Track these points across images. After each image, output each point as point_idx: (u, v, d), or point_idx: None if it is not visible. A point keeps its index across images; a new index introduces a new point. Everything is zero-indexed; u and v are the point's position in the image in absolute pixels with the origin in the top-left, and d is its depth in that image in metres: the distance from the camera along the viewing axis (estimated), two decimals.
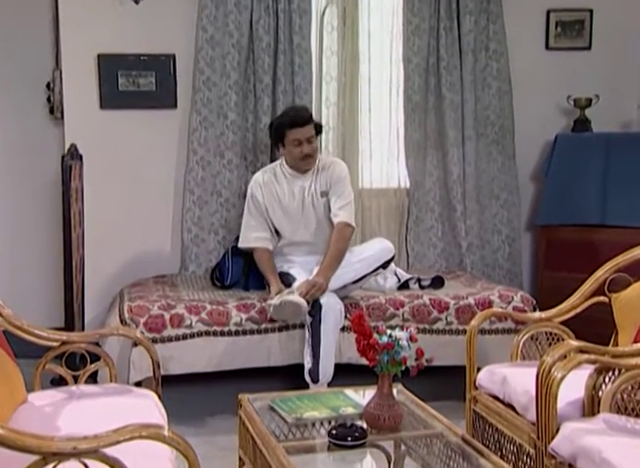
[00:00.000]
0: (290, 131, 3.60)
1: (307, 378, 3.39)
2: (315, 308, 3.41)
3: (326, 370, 3.37)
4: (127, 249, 4.24)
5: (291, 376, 3.56)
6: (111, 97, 4.14)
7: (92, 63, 4.12)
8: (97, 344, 2.70)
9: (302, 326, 3.50)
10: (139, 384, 3.17)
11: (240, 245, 3.79)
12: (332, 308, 3.40)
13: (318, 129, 3.73)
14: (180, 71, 4.22)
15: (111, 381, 2.56)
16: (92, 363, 2.56)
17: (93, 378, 2.80)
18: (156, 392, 2.48)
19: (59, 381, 2.93)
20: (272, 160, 4.28)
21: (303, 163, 3.66)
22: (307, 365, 3.39)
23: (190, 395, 3.69)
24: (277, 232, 3.78)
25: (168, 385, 2.80)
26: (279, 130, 3.65)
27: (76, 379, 2.51)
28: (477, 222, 4.62)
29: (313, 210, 3.72)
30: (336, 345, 3.42)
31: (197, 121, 4.22)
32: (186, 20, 4.17)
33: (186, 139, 4.26)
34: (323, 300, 3.41)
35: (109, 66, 4.12)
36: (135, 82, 4.16)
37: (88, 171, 3.91)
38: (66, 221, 3.57)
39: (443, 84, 4.44)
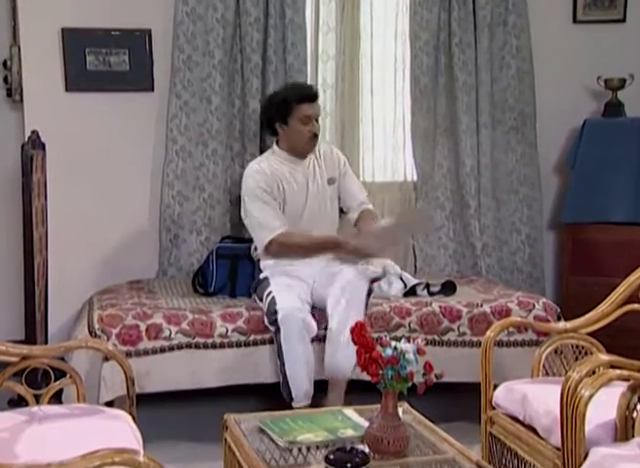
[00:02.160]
0: (299, 106, 3.59)
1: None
2: (271, 315, 3.41)
3: (299, 387, 3.36)
4: (97, 250, 4.24)
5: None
6: (78, 78, 4.13)
7: (55, 39, 4.11)
8: (62, 359, 2.69)
9: None
10: (110, 404, 3.16)
11: (261, 247, 3.65)
12: (290, 316, 3.37)
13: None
14: (157, 49, 4.21)
15: (79, 401, 2.55)
16: (56, 380, 2.54)
17: (57, 398, 2.79)
18: (130, 413, 2.47)
19: (17, 402, 2.93)
20: (262, 150, 4.28)
21: (310, 143, 3.66)
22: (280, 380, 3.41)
23: (169, 416, 3.69)
24: None
25: (144, 405, 2.79)
26: (285, 104, 3.62)
27: (38, 399, 2.49)
28: (493, 220, 4.62)
29: (319, 198, 3.72)
30: (306, 358, 3.38)
31: (177, 106, 4.21)
32: None
33: (164, 127, 4.25)
34: (278, 306, 3.40)
35: (75, 43, 4.10)
36: (105, 61, 4.14)
37: (51, 161, 3.89)
38: (27, 219, 3.56)
39: (455, 63, 4.45)
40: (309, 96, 3.61)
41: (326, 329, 3.45)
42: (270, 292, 3.49)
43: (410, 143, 4.52)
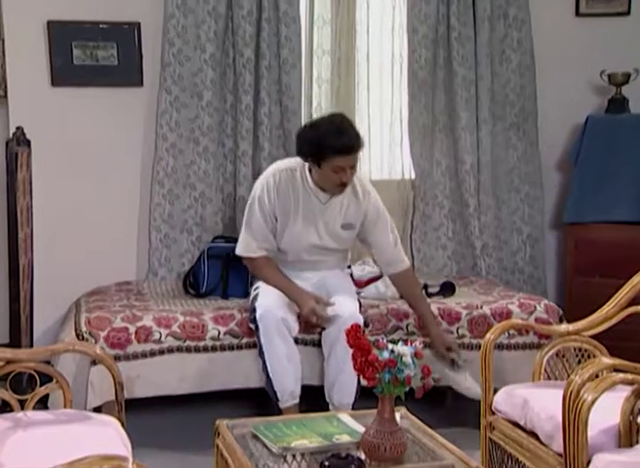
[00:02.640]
0: (333, 158, 3.32)
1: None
2: (251, 313, 3.42)
3: (284, 386, 3.35)
4: (84, 251, 4.23)
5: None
6: (64, 73, 4.12)
7: (40, 32, 4.09)
8: (48, 363, 2.69)
9: (296, 341, 3.47)
10: (98, 409, 3.16)
11: (239, 252, 3.61)
12: (268, 312, 3.36)
13: (361, 146, 3.42)
14: (147, 43, 4.20)
15: (65, 406, 2.54)
16: (42, 385, 2.53)
17: (43, 403, 2.79)
18: (119, 418, 2.47)
19: (2, 407, 2.91)
20: (256, 148, 4.28)
21: (336, 190, 3.47)
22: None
23: (159, 421, 3.68)
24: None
25: (133, 410, 2.79)
26: (321, 150, 3.34)
27: (23, 405, 2.49)
28: (494, 219, 4.63)
29: (327, 236, 3.57)
30: (289, 356, 3.37)
31: (167, 101, 4.21)
32: None
33: (154, 123, 4.24)
34: (258, 303, 3.40)
35: (62, 36, 4.09)
36: (92, 55, 4.13)
37: (37, 159, 3.89)
38: (12, 219, 3.55)
39: (454, 58, 4.45)
40: (348, 150, 3.34)
41: (319, 333, 3.47)
42: (257, 289, 3.51)
43: (407, 140, 4.52)
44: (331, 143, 3.30)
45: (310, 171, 3.48)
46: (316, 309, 3.38)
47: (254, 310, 3.41)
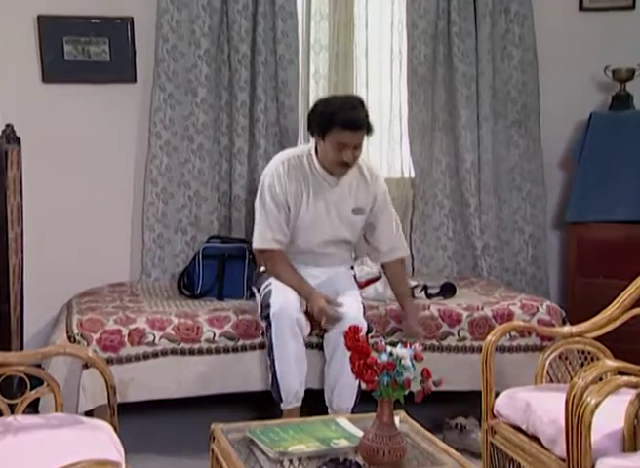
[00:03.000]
0: (339, 131, 3.38)
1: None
2: (265, 309, 3.42)
3: (289, 387, 3.35)
4: (76, 251, 4.23)
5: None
6: (55, 69, 4.12)
7: (31, 27, 4.09)
8: (38, 366, 2.68)
9: None
10: (90, 414, 3.16)
11: (257, 245, 3.58)
12: (284, 311, 3.35)
13: (369, 130, 3.51)
14: (140, 38, 4.20)
15: (57, 411, 2.54)
16: (32, 389, 2.53)
17: (34, 407, 2.78)
18: (111, 423, 2.46)
19: None
20: (250, 145, 4.27)
21: (339, 169, 3.50)
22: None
23: (153, 426, 3.68)
24: None
25: (126, 415, 2.79)
26: (326, 122, 3.41)
27: (13, 409, 2.48)
28: (495, 219, 4.63)
29: (338, 223, 3.60)
30: (297, 356, 3.37)
31: (161, 98, 4.20)
32: None
33: (148, 120, 4.24)
34: (272, 300, 3.39)
35: (53, 31, 4.09)
36: (84, 50, 4.13)
37: (28, 157, 3.87)
38: (2, 218, 3.54)
39: (454, 54, 4.45)
40: (354, 125, 3.39)
41: (320, 336, 3.47)
42: (268, 285, 3.49)
43: (407, 138, 4.52)
44: (339, 116, 3.37)
45: (317, 152, 3.52)
46: (326, 309, 3.38)
47: (267, 307, 3.40)
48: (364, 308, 3.50)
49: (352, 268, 3.84)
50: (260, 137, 4.27)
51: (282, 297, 3.40)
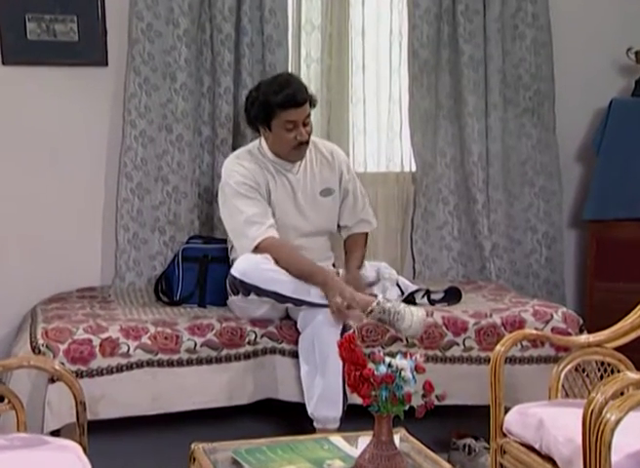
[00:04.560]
0: (281, 113, 3.56)
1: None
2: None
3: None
4: (41, 252, 4.22)
5: (260, 419, 3.55)
6: (17, 49, 4.10)
7: None
8: None
9: (274, 351, 3.52)
10: (57, 433, 3.15)
11: (252, 244, 3.53)
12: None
13: (312, 101, 3.68)
14: (112, 16, 4.19)
15: (19, 430, 2.53)
16: None
17: None
18: (80, 443, 2.46)
19: None
20: (236, 136, 4.27)
21: (296, 152, 3.64)
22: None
23: (127, 446, 3.67)
24: None
25: (97, 434, 2.77)
26: (266, 110, 3.59)
27: None
28: (505, 217, 4.64)
29: (310, 211, 3.70)
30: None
31: (135, 83, 4.20)
32: None
33: (121, 108, 4.24)
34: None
35: (13, 7, 4.07)
36: (49, 29, 4.12)
37: None
38: None
39: (460, 34, 4.46)
40: (294, 101, 3.54)
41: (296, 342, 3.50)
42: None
43: (407, 128, 4.52)
44: (274, 98, 3.55)
45: (268, 141, 3.66)
46: (340, 307, 3.39)
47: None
48: None
49: (334, 266, 3.84)
50: (246, 127, 4.26)
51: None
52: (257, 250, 3.55)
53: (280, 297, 3.43)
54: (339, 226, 3.91)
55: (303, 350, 3.44)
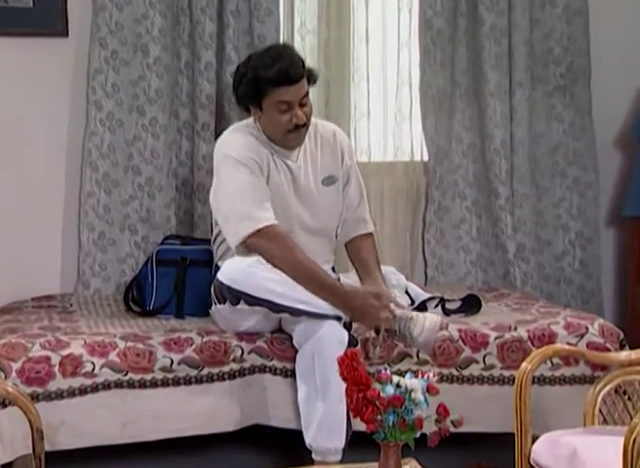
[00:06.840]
0: (273, 91, 3.51)
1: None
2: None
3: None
4: None
5: (246, 449, 3.55)
6: None
7: None
8: None
9: (263, 369, 3.51)
10: (8, 466, 3.15)
11: (242, 235, 3.48)
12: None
13: (311, 77, 3.63)
14: None
15: None
16: None
17: None
18: None
19: None
20: (218, 119, 4.28)
21: (292, 137, 3.60)
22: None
23: None
24: None
25: (56, 467, 2.77)
26: (255, 87, 3.53)
27: None
28: (532, 214, 4.66)
29: (311, 202, 3.68)
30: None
31: (101, 57, 4.20)
32: None
33: (85, 86, 4.24)
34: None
35: None
36: None
37: None
38: None
39: (481, 1, 4.47)
40: (288, 76, 3.50)
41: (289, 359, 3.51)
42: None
43: (418, 110, 4.54)
44: (265, 73, 3.50)
45: (260, 123, 3.63)
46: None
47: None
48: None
49: (334, 270, 3.85)
50: (231, 109, 4.27)
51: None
52: (257, 234, 3.48)
53: (275, 306, 3.42)
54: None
55: (302, 369, 3.42)
